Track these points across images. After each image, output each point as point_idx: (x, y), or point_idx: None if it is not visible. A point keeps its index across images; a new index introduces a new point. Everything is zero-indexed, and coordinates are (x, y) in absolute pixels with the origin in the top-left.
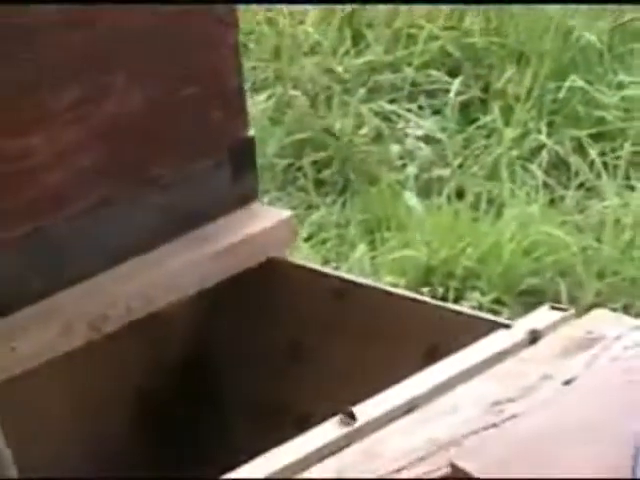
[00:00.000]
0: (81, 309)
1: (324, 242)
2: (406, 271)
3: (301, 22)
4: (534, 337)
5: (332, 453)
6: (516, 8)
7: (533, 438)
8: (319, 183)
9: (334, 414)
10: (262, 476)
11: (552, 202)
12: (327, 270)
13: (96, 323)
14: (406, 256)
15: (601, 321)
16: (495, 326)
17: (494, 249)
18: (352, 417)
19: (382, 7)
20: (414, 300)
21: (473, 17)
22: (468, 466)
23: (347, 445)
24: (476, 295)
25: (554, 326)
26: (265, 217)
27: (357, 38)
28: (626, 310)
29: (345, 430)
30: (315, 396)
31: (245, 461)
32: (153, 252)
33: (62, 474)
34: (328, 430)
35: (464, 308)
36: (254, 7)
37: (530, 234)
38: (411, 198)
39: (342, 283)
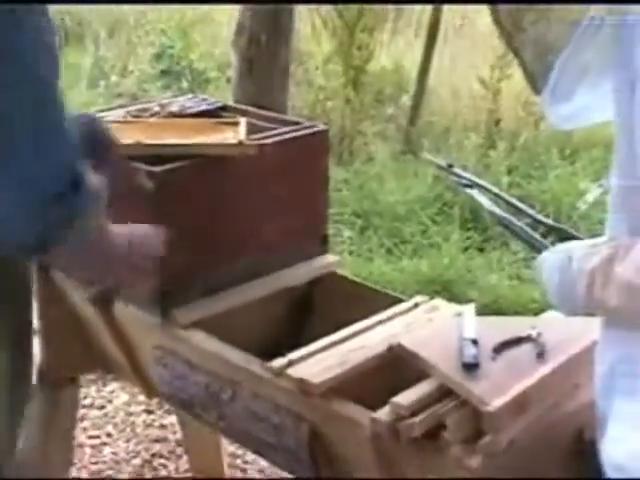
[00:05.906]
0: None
1: None
2: None
3: None
4: (416, 305)
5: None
6: None
7: (427, 336)
8: None
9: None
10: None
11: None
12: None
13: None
14: None
15: (438, 303)
16: (398, 300)
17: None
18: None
19: None
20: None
21: None
22: (403, 341)
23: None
24: None
25: (422, 302)
26: (329, 258)
27: None
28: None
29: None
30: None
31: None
32: (291, 268)
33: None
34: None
35: (388, 290)
36: None
37: None
38: None
39: (349, 282)
